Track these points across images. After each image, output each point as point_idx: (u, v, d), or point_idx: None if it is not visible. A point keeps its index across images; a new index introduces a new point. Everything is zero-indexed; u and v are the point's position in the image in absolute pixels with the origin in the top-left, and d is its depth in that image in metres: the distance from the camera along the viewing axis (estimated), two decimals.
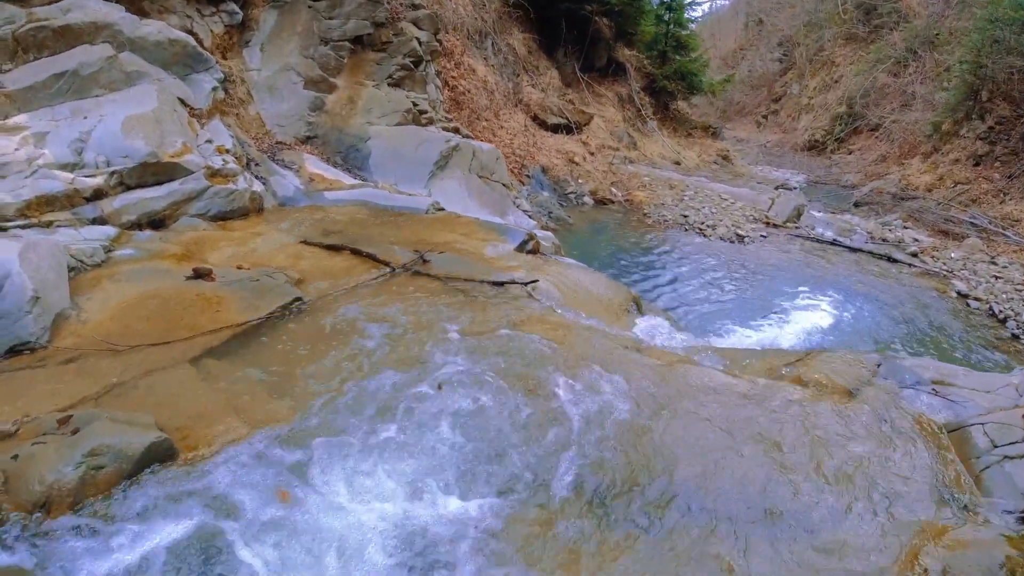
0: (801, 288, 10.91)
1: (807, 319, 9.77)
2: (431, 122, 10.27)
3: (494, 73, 15.24)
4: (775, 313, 10.09)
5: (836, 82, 30.28)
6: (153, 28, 8.06)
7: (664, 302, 9.88)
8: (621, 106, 19.69)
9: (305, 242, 6.12)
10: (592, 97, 18.59)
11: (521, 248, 7.00)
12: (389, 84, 10.48)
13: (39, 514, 2.96)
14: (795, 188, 19.96)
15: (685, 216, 14.52)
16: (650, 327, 6.71)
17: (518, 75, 16.35)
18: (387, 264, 5.63)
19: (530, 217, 10.34)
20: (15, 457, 3.13)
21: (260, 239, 6.10)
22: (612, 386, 4.23)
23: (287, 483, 3.17)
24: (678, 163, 19.68)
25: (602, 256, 10.88)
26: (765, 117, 36.84)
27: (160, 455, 3.21)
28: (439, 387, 3.97)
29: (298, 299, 4.84)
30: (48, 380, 3.83)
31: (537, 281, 5.69)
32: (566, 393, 4.06)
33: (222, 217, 6.52)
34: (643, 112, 20.59)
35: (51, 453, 3.09)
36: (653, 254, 12.16)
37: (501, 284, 5.53)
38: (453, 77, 13.46)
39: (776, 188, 18.57)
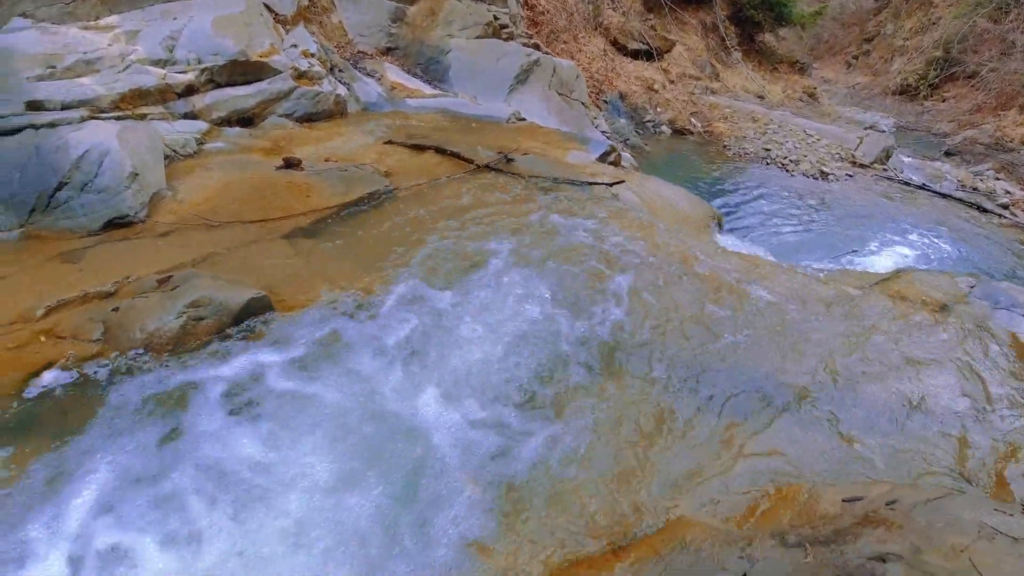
0: (886, 229, 10.46)
1: (890, 258, 9.38)
2: (511, 37, 10.06)
3: None
4: (857, 250, 9.72)
5: (933, 24, 28.36)
6: None
7: (743, 232, 9.63)
8: (704, 34, 18.91)
9: (390, 142, 6.12)
10: (675, 24, 17.88)
11: (603, 158, 6.85)
12: None
13: (137, 357, 3.08)
14: (884, 131, 19.00)
15: (767, 150, 14.00)
16: (731, 244, 6.53)
17: None
18: (471, 162, 5.58)
19: (608, 138, 10.11)
20: (116, 309, 3.25)
21: (345, 139, 6.12)
22: (691, 278, 4.13)
23: (369, 335, 3.22)
24: (761, 97, 18.89)
25: (679, 184, 10.61)
26: (855, 58, 34.91)
27: (257, 311, 3.28)
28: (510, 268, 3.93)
29: (386, 188, 4.85)
30: (146, 250, 3.95)
31: (622, 182, 5.56)
32: (643, 287, 3.98)
33: (308, 118, 6.56)
34: (727, 42, 19.75)
35: (153, 305, 3.19)
36: (731, 184, 11.80)
37: (586, 184, 5.42)
38: None
39: (865, 129, 17.70)
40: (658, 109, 14.02)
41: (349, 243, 4.12)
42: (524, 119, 7.78)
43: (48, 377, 2.97)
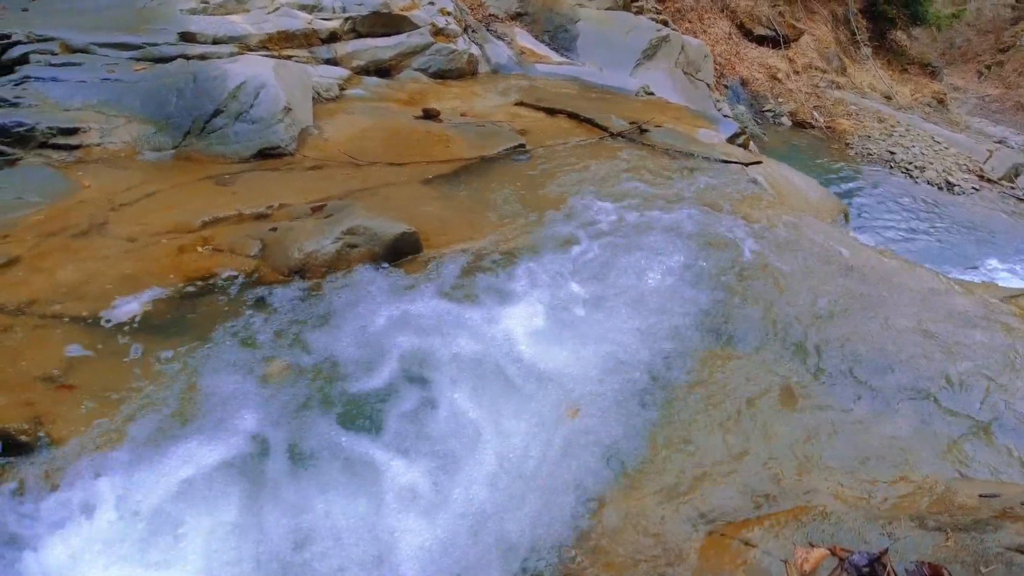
0: (1009, 248, 9.85)
1: (1013, 278, 8.82)
2: (641, 11, 9.90)
3: None
4: (981, 269, 9.22)
5: None
6: None
7: (865, 232, 9.26)
8: (834, 26, 18.11)
9: (521, 103, 6.12)
10: (804, 12, 17.19)
11: (732, 140, 6.66)
12: None
13: (294, 277, 3.18)
14: (1013, 148, 17.84)
15: (892, 153, 13.36)
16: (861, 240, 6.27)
17: None
18: (606, 129, 5.52)
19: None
20: (274, 229, 3.36)
21: (477, 97, 6.16)
22: (836, 266, 3.97)
23: (515, 275, 3.25)
24: (888, 98, 17.99)
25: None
26: (988, 67, 32.77)
27: (407, 247, 3.34)
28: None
29: (521, 145, 4.85)
30: (295, 181, 4.07)
31: (760, 163, 5.39)
32: (782, 262, 3.85)
33: (441, 74, 6.63)
34: (858, 36, 18.86)
35: (310, 228, 3.29)
36: (852, 184, 11.35)
37: (721, 161, 5.28)
38: None
39: (995, 143, 16.65)
40: (779, 99, 13.55)
41: (488, 194, 4.15)
42: (652, 93, 7.65)
43: (207, 282, 3.12)
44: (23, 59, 5.17)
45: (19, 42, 5.24)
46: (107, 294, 3.19)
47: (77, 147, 4.48)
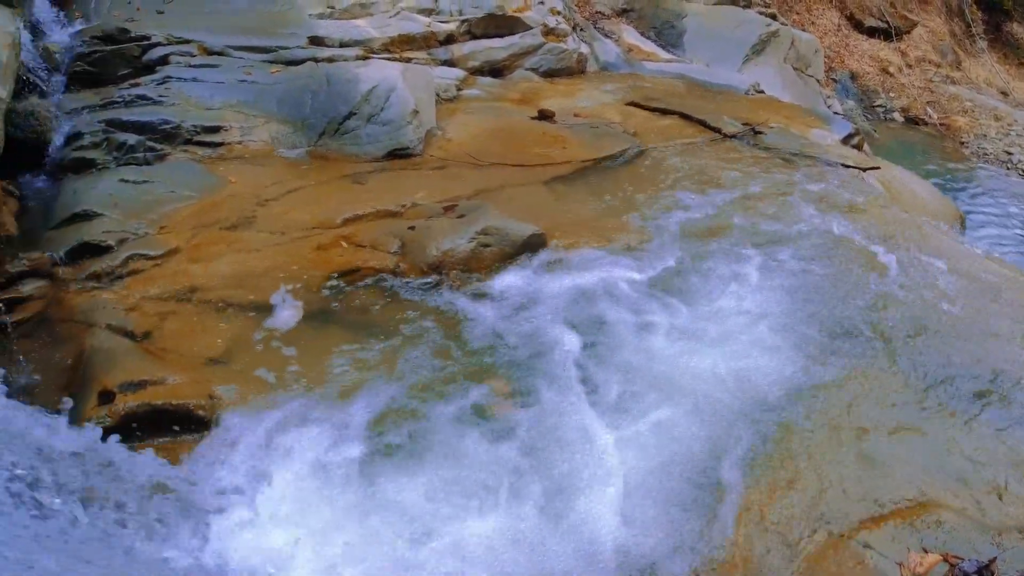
0: None
1: None
2: (749, 4, 9.75)
3: None
4: None
5: None
6: None
7: (981, 239, 8.87)
8: (948, 18, 17.27)
9: (632, 103, 6.18)
10: (916, 2, 16.48)
11: (846, 140, 6.53)
12: None
13: (432, 274, 3.39)
14: None
15: (1009, 153, 12.70)
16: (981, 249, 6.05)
17: None
18: (718, 130, 5.53)
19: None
20: (412, 228, 3.57)
21: (587, 96, 6.26)
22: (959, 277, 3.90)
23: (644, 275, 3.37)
24: (1005, 94, 17.05)
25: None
26: None
27: (535, 246, 3.50)
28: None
29: (636, 147, 4.93)
30: (424, 180, 4.29)
31: (878, 168, 5.30)
32: (899, 273, 3.81)
33: (551, 73, 6.76)
34: (972, 29, 17.93)
35: (446, 228, 3.49)
36: (966, 185, 10.85)
37: (838, 165, 5.21)
38: None
39: None
40: (891, 94, 13.07)
41: (605, 195, 4.27)
42: (763, 91, 7.56)
43: (352, 278, 3.36)
44: (164, 60, 5.55)
45: (159, 43, 5.62)
46: (261, 285, 3.48)
47: (220, 144, 4.82)
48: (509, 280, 3.32)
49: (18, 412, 2.36)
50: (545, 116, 5.27)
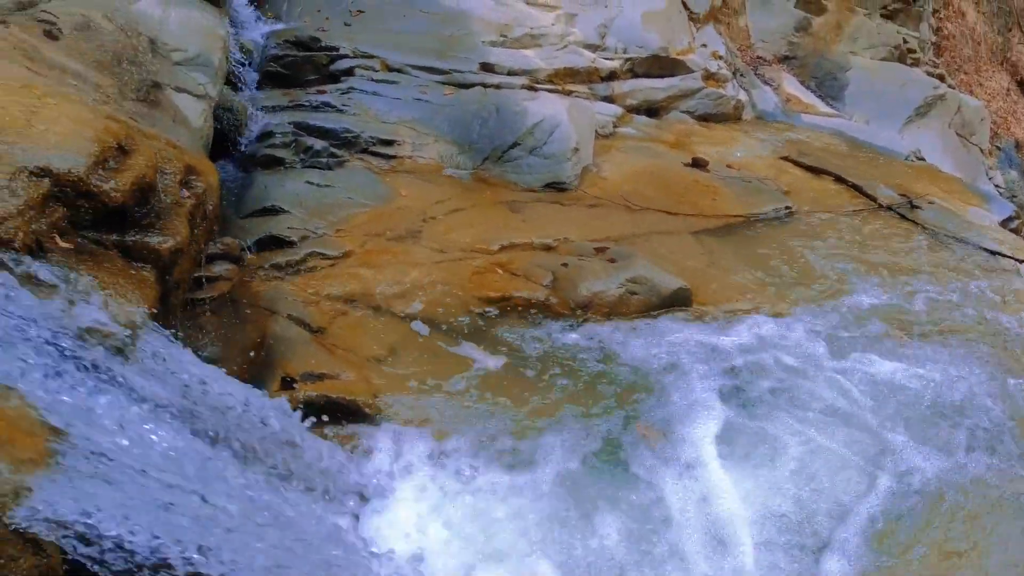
0: None
1: None
2: (916, 63, 9.45)
3: (984, 22, 13.27)
4: None
5: None
6: None
7: None
8: None
9: (786, 158, 6.20)
10: None
11: (1006, 223, 6.27)
12: (881, 15, 9.82)
13: (579, 312, 3.61)
14: None
15: None
16: None
17: (1010, 29, 14.04)
18: (873, 199, 5.48)
19: (1000, 194, 9.12)
20: (565, 264, 3.81)
21: (741, 146, 6.32)
22: None
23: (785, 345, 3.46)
24: None
25: None
26: None
27: (680, 300, 3.66)
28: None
29: (787, 208, 4.98)
30: (577, 216, 4.52)
31: None
32: None
33: (706, 118, 6.86)
34: None
35: (598, 270, 3.71)
36: None
37: (998, 255, 5.05)
38: (940, 19, 12.06)
39: None
40: None
41: (753, 255, 4.35)
42: (923, 158, 7.36)
43: (505, 304, 3.64)
44: (349, 72, 6.05)
45: (346, 56, 6.13)
46: (422, 298, 3.81)
47: (392, 157, 5.24)
48: (652, 329, 3.49)
49: (216, 376, 2.71)
50: (698, 164, 5.40)
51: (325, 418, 3.00)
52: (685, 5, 8.15)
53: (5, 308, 1.90)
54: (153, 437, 1.85)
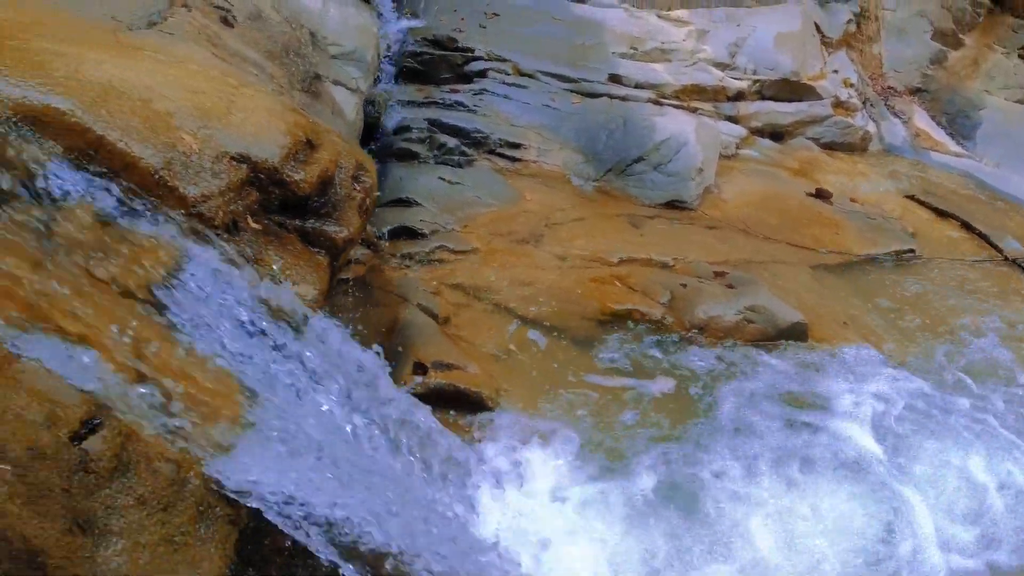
0: None
1: None
2: None
3: None
4: None
5: None
6: None
7: None
8: None
9: (911, 197, 6.06)
10: None
11: None
12: (1020, 55, 9.37)
13: (693, 333, 3.70)
14: None
15: None
16: None
17: None
18: (999, 250, 5.31)
19: None
20: (684, 285, 3.90)
21: (866, 179, 6.21)
22: None
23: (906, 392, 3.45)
24: None
25: None
26: None
27: (796, 334, 3.70)
28: None
29: (911, 250, 4.90)
30: (696, 237, 4.60)
31: None
32: None
33: (831, 146, 6.76)
34: None
35: (717, 294, 3.79)
36: None
37: None
38: None
39: None
40: None
41: (873, 296, 4.31)
42: None
43: (622, 317, 3.77)
44: (482, 73, 6.26)
45: (480, 58, 6.34)
46: (540, 300, 3.98)
47: (519, 160, 5.43)
48: (765, 361, 3.55)
49: (356, 351, 2.92)
50: (822, 195, 5.36)
51: (446, 405, 3.22)
52: (819, 28, 8.03)
53: (210, 282, 2.16)
54: (325, 409, 2.08)
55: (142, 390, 1.67)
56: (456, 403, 3.23)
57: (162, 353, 1.89)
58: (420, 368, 3.28)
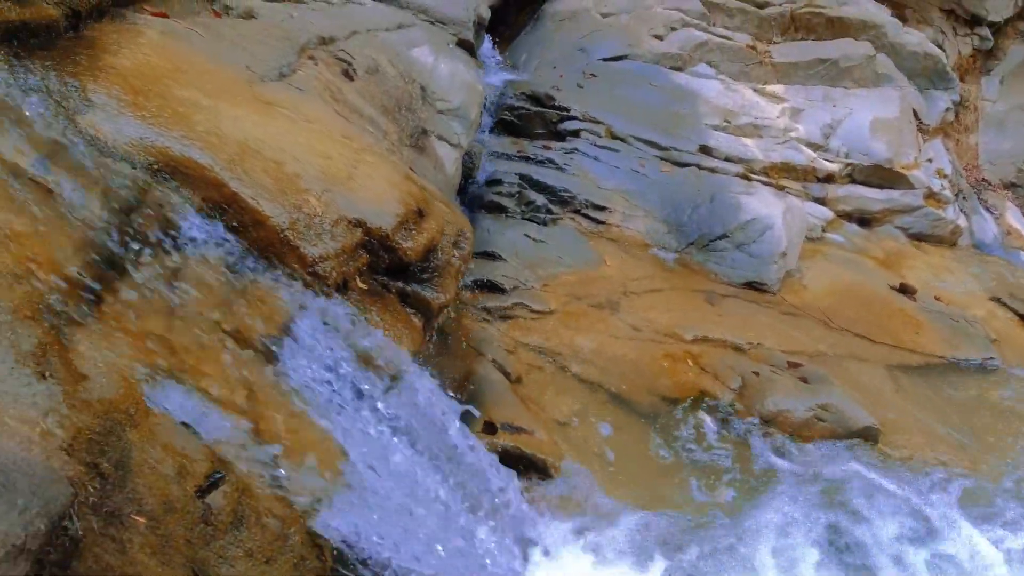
0: None
1: None
2: None
3: None
4: None
5: None
6: (914, 39, 8.41)
7: None
8: None
9: (997, 300, 5.93)
10: None
11: None
12: None
13: (760, 423, 3.73)
14: None
15: None
16: None
17: None
18: None
19: None
20: (756, 373, 3.94)
21: (953, 277, 6.10)
22: None
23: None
24: None
25: None
26: None
27: (865, 437, 3.69)
28: None
29: (991, 358, 4.81)
30: (772, 322, 4.62)
31: None
32: None
33: (919, 237, 6.67)
34: None
35: (789, 387, 3.82)
36: None
37: None
38: None
39: None
40: None
41: (950, 405, 4.25)
42: None
43: (693, 397, 3.83)
44: (575, 133, 6.43)
45: (575, 117, 6.52)
46: (611, 370, 4.08)
47: (602, 223, 5.55)
48: (829, 464, 3.54)
49: (439, 408, 3.06)
50: (906, 291, 5.31)
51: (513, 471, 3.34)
52: (916, 115, 7.96)
53: (320, 337, 2.35)
54: (418, 471, 2.22)
55: (256, 445, 1.84)
56: (519, 466, 3.33)
57: (272, 406, 2.07)
58: (490, 428, 3.41)
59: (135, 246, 2.14)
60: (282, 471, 1.87)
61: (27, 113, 2.34)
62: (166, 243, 2.20)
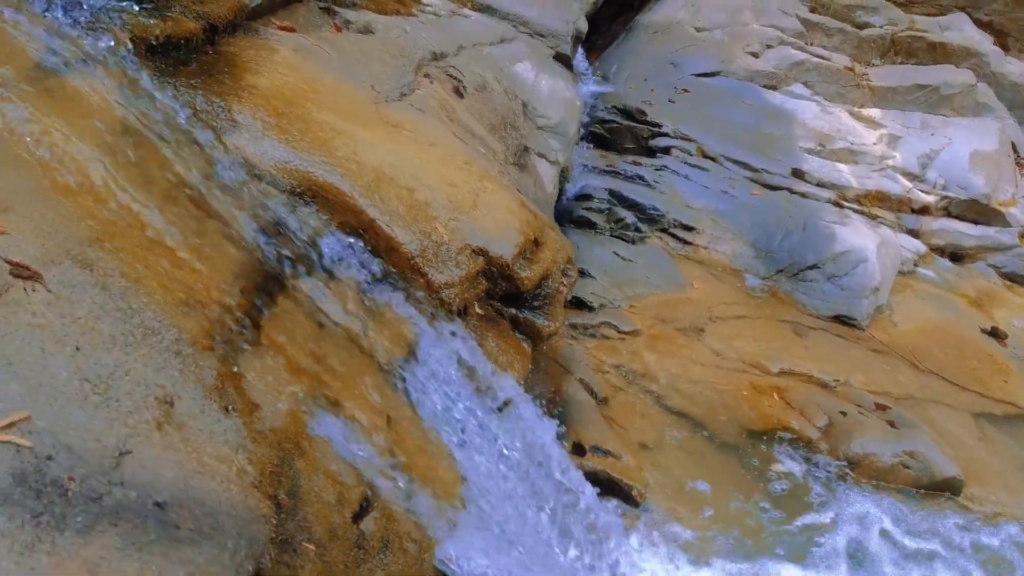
0: None
1: None
2: None
3: None
4: None
5: None
6: (1016, 69, 8.18)
7: None
8: None
9: None
10: None
11: None
12: None
13: (844, 465, 3.76)
14: None
15: None
16: None
17: None
18: None
19: None
20: (844, 413, 3.96)
21: None
22: None
23: None
24: None
25: None
26: None
27: (949, 487, 3.68)
28: None
29: None
30: (860, 359, 4.61)
31: None
32: None
33: (1012, 277, 6.50)
34: None
35: (875, 430, 3.83)
36: None
37: None
38: None
39: None
40: None
41: None
42: None
43: (777, 432, 3.87)
44: (666, 150, 6.46)
45: (666, 134, 6.55)
46: (695, 396, 4.16)
47: (689, 244, 5.59)
48: (913, 514, 3.55)
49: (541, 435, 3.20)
50: (997, 335, 5.21)
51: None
52: (1015, 148, 7.73)
53: (444, 361, 2.51)
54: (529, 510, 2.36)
55: (395, 469, 2.00)
56: (607, 490, 3.45)
57: (404, 429, 2.24)
58: (579, 449, 3.54)
59: (287, 270, 2.31)
60: (418, 496, 2.02)
61: (181, 131, 2.52)
62: (315, 267, 2.38)
